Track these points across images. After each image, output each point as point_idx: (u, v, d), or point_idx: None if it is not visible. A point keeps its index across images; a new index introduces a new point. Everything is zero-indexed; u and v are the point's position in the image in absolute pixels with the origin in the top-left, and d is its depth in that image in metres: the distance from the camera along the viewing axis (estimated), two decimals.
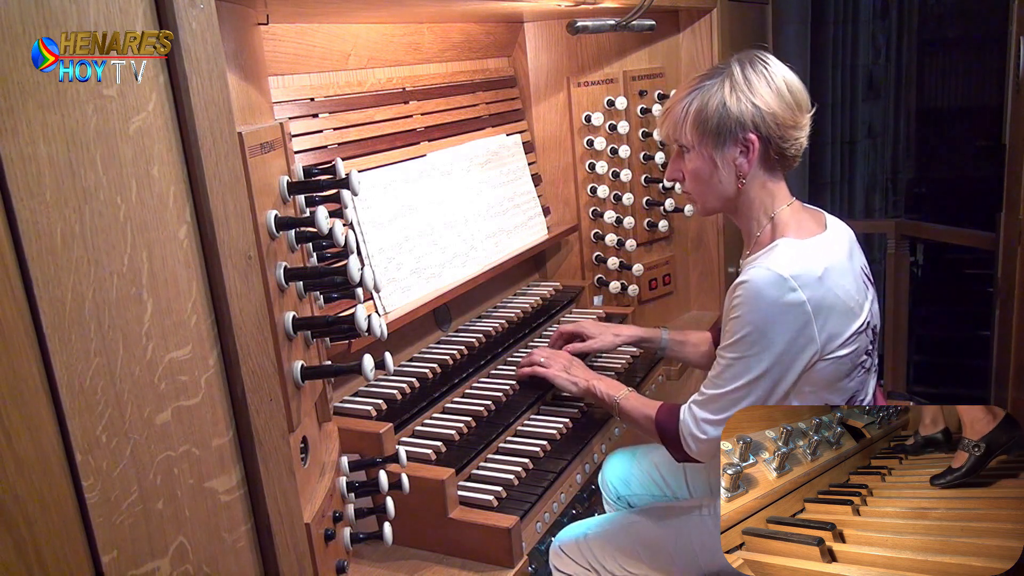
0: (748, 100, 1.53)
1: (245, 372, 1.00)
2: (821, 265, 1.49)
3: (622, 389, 1.83)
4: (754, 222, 1.65)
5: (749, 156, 1.56)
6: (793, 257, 1.50)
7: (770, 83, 1.54)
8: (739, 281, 1.52)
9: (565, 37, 2.47)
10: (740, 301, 1.51)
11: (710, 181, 1.62)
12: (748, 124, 1.54)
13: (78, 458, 0.84)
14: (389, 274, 1.86)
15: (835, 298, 1.50)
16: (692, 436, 1.61)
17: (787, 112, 1.55)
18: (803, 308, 1.47)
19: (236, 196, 0.99)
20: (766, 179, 1.61)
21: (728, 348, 1.54)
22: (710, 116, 1.55)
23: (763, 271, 1.48)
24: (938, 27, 4.12)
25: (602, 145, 2.52)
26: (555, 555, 1.96)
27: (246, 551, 1.05)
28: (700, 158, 1.61)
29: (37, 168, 0.79)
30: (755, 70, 1.55)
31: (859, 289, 1.57)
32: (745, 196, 1.62)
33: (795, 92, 1.56)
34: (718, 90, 1.55)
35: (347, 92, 1.88)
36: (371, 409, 1.68)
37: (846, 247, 1.61)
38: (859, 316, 1.55)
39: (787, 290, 1.46)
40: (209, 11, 0.93)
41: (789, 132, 1.56)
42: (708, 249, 2.84)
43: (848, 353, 1.54)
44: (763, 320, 1.48)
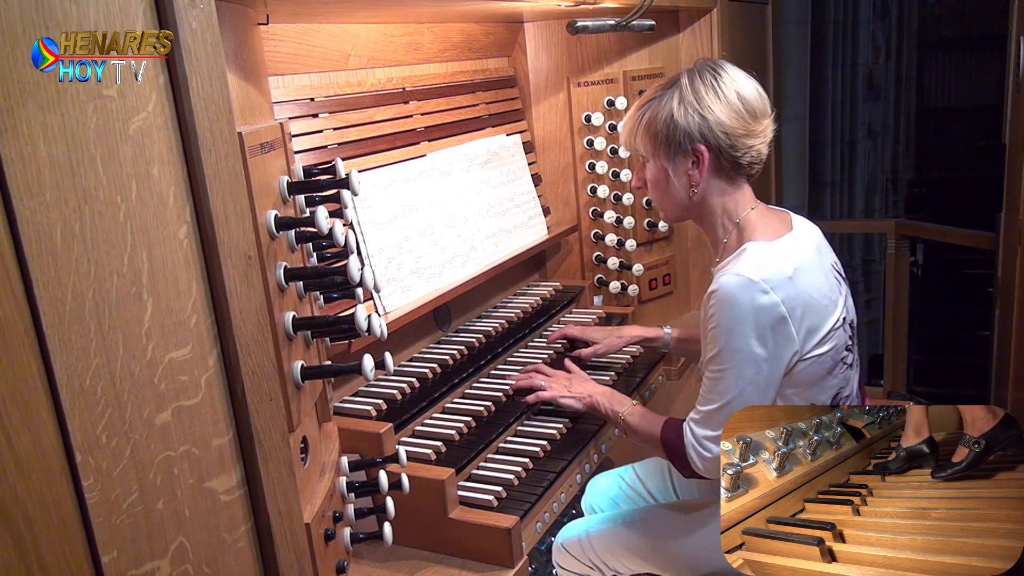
0: (696, 112, 1.55)
1: (245, 372, 1.00)
2: (791, 265, 1.50)
3: (626, 404, 1.81)
4: (720, 229, 1.66)
5: (700, 167, 1.58)
6: (762, 260, 1.51)
7: (719, 94, 1.55)
8: (711, 290, 1.52)
9: (565, 37, 2.47)
10: (714, 311, 1.51)
11: (666, 190, 1.65)
12: (696, 135, 1.55)
13: (78, 458, 0.84)
14: (389, 274, 1.86)
15: (808, 296, 1.50)
16: (698, 455, 1.59)
17: (737, 122, 1.55)
18: (777, 309, 1.47)
19: (236, 196, 0.99)
20: (724, 186, 1.62)
21: (711, 361, 1.54)
22: (660, 129, 1.58)
23: (732, 277, 1.49)
24: (938, 27, 4.13)
25: (602, 145, 2.52)
26: (558, 552, 1.96)
27: (246, 551, 1.05)
28: (655, 168, 1.65)
29: (37, 168, 0.79)
30: (704, 82, 1.56)
31: (831, 286, 1.58)
32: (705, 204, 1.64)
33: (747, 101, 1.56)
34: (668, 102, 1.58)
35: (347, 92, 1.88)
36: (371, 409, 1.68)
37: (814, 245, 1.61)
38: (834, 312, 1.55)
39: (759, 292, 1.46)
40: (209, 11, 0.93)
41: (740, 141, 1.56)
42: (708, 249, 2.83)
43: (828, 350, 1.55)
44: (739, 327, 1.48)
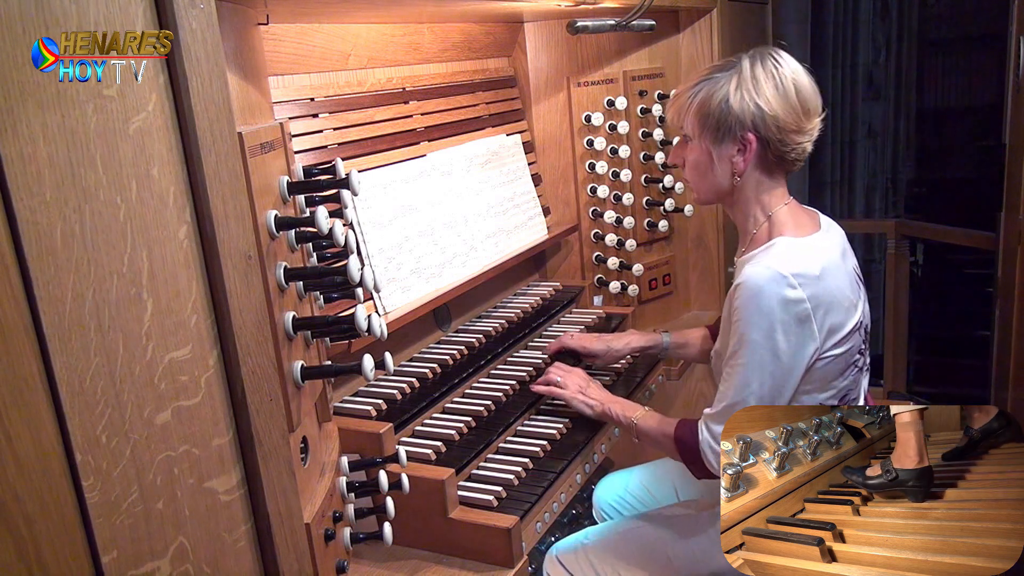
0: (752, 99, 1.51)
1: (245, 372, 1.00)
2: (819, 263, 1.50)
3: (638, 410, 1.79)
4: (750, 219, 1.64)
5: (745, 155, 1.56)
6: (792, 255, 1.50)
7: (778, 84, 1.52)
8: (738, 282, 1.51)
9: (565, 37, 2.47)
10: (741, 303, 1.49)
11: (706, 174, 1.62)
12: (748, 123, 1.52)
13: (78, 458, 0.84)
14: (389, 274, 1.86)
15: (832, 296, 1.50)
16: (712, 452, 1.57)
17: (790, 116, 1.52)
18: (803, 305, 1.46)
19: (236, 196, 0.99)
20: (762, 178, 1.60)
21: (733, 355, 1.52)
22: (712, 110, 1.54)
23: (762, 269, 1.47)
24: (938, 27, 4.12)
25: (602, 145, 2.52)
26: (552, 565, 1.91)
27: (246, 551, 1.05)
28: (699, 150, 1.61)
29: (37, 168, 0.79)
30: (765, 68, 1.52)
31: (853, 288, 1.57)
32: (740, 192, 1.62)
33: (803, 96, 1.53)
34: (724, 84, 1.53)
35: (347, 92, 1.88)
36: (371, 409, 1.68)
37: (839, 247, 1.61)
38: (854, 315, 1.55)
39: (787, 286, 1.45)
40: (209, 11, 0.93)
41: (790, 136, 1.54)
42: (708, 249, 2.84)
43: (843, 352, 1.54)
44: (766, 319, 1.47)
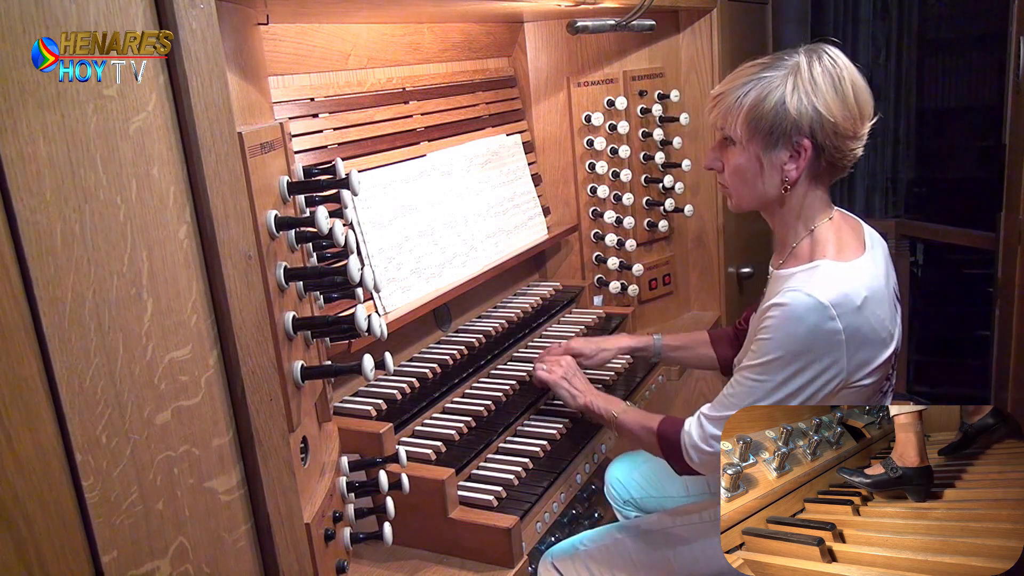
0: (810, 102, 1.40)
1: (245, 372, 1.00)
2: (861, 294, 1.41)
3: (620, 404, 1.79)
4: (791, 231, 1.56)
5: (799, 162, 1.46)
6: (835, 283, 1.41)
7: (836, 85, 1.41)
8: (777, 302, 1.42)
9: (565, 37, 2.47)
10: (775, 323, 1.42)
11: (752, 181, 1.52)
12: (805, 129, 1.42)
13: (78, 458, 0.84)
14: (389, 274, 1.86)
15: (870, 329, 1.43)
16: (696, 448, 1.56)
17: (848, 121, 1.43)
18: (838, 337, 1.40)
19: (236, 196, 0.99)
20: (810, 187, 1.51)
21: (753, 369, 1.46)
22: (766, 113, 1.43)
23: (803, 296, 1.39)
24: (938, 27, 4.12)
25: (602, 145, 2.52)
26: (545, 568, 1.90)
27: (246, 551, 1.05)
28: (745, 155, 1.49)
29: (37, 168, 0.79)
30: (823, 67, 1.42)
31: (891, 317, 1.49)
32: (787, 203, 1.53)
33: (860, 98, 1.44)
34: (780, 85, 1.42)
35: (347, 92, 1.88)
36: (371, 409, 1.68)
37: (883, 269, 1.51)
38: (889, 346, 1.48)
39: (826, 318, 1.38)
40: (209, 11, 0.93)
41: (846, 143, 1.45)
42: (708, 249, 2.84)
43: (872, 382, 1.48)
44: (797, 346, 1.40)
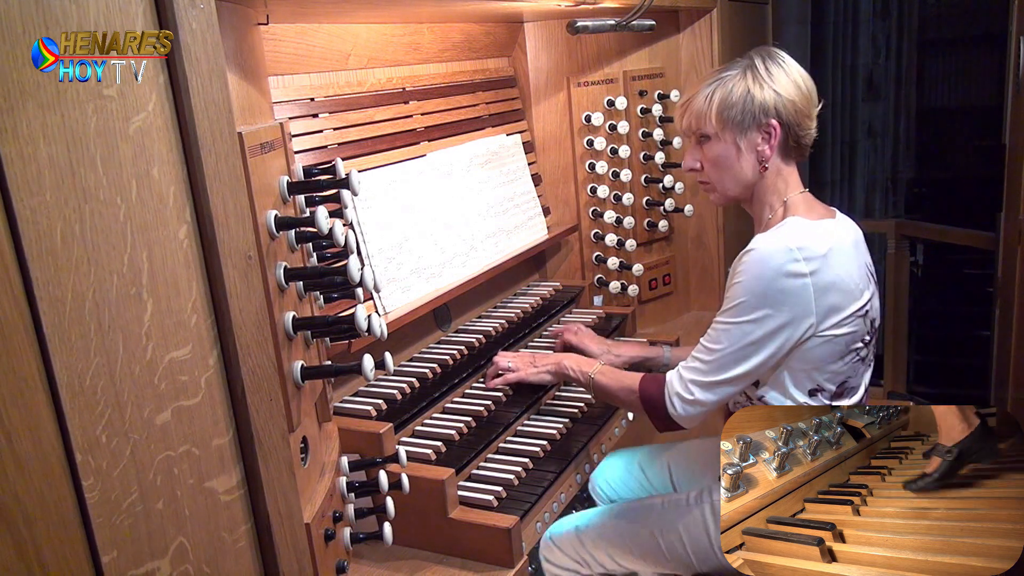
0: (770, 88, 1.59)
1: (245, 372, 1.00)
2: (826, 244, 1.53)
3: (595, 364, 1.85)
4: (767, 207, 1.69)
5: (771, 142, 1.62)
6: (801, 233, 1.55)
7: (788, 73, 1.62)
8: (746, 250, 1.56)
9: (565, 37, 2.47)
10: (744, 267, 1.54)
11: (732, 168, 1.67)
12: (771, 111, 1.60)
13: (78, 458, 0.84)
14: (389, 274, 1.86)
15: (836, 276, 1.53)
16: (678, 395, 1.62)
17: (804, 102, 1.62)
18: (805, 280, 1.50)
19: (236, 196, 0.99)
20: (781, 165, 1.66)
21: (725, 313, 1.57)
22: (735, 103, 1.61)
23: (771, 240, 1.53)
24: (938, 27, 4.12)
25: (602, 145, 2.52)
26: (546, 547, 1.97)
27: (246, 551, 1.05)
28: (722, 144, 1.65)
29: (37, 168, 0.79)
30: (774, 62, 1.63)
31: (861, 276, 1.60)
32: (763, 182, 1.67)
33: (808, 85, 1.65)
34: (740, 79, 1.62)
35: (347, 92, 1.88)
36: (371, 409, 1.68)
37: (851, 238, 1.64)
38: (859, 299, 1.57)
39: (792, 260, 1.50)
40: (209, 11, 0.93)
41: (805, 121, 1.63)
42: (708, 249, 2.84)
43: (843, 334, 1.56)
44: (765, 287, 1.51)
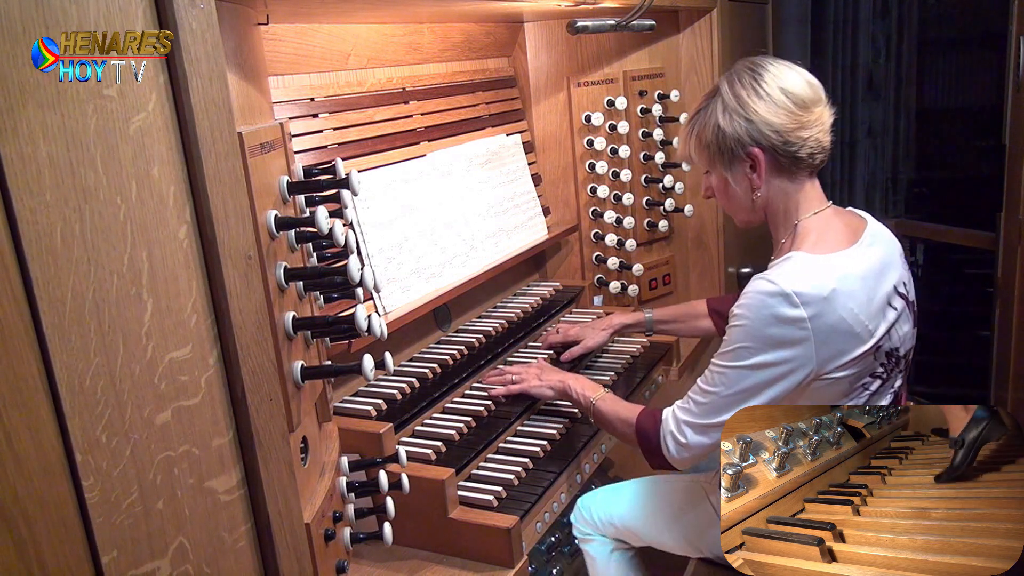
0: (740, 116, 1.52)
1: (245, 372, 1.00)
2: (829, 285, 1.44)
3: (599, 390, 1.80)
4: (781, 229, 1.62)
5: (758, 170, 1.55)
6: (801, 272, 1.45)
7: (760, 94, 1.51)
8: (744, 291, 1.49)
9: (565, 37, 2.47)
10: (740, 311, 1.48)
11: (732, 197, 1.64)
12: (746, 140, 1.53)
13: (78, 458, 0.84)
14: (389, 274, 1.86)
15: (839, 320, 1.44)
16: (672, 437, 1.58)
17: (785, 117, 1.51)
18: (803, 325, 1.43)
19: (236, 196, 0.99)
20: (786, 184, 1.57)
21: (721, 356, 1.52)
22: (710, 141, 1.58)
23: (766, 283, 1.45)
24: (938, 27, 4.11)
25: (602, 145, 2.52)
26: (577, 511, 2.04)
27: (246, 551, 1.05)
28: (716, 177, 1.64)
29: (37, 168, 0.79)
30: (743, 84, 1.53)
31: (872, 314, 1.49)
32: (769, 205, 1.60)
33: (793, 94, 1.51)
34: (712, 112, 1.56)
35: (347, 92, 1.88)
36: (371, 409, 1.68)
37: (874, 266, 1.53)
38: (866, 342, 1.48)
39: (788, 305, 1.42)
40: (209, 11, 0.93)
41: (793, 135, 1.52)
42: (708, 249, 2.85)
43: (847, 375, 1.49)
44: (760, 333, 1.45)
